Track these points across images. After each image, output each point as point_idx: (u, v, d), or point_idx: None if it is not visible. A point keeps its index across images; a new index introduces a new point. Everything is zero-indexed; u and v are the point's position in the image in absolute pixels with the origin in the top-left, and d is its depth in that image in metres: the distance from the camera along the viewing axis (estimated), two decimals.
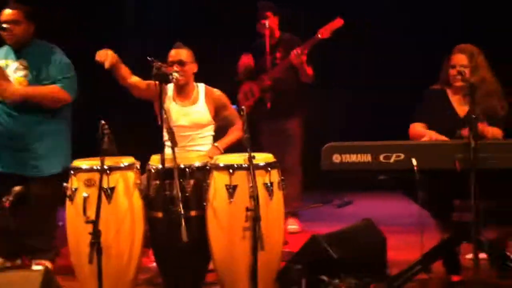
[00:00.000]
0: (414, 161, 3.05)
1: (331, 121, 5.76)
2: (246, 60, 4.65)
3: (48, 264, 3.78)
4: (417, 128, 3.45)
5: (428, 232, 3.32)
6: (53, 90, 3.75)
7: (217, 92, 3.89)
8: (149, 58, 3.25)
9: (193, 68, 3.83)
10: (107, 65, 3.56)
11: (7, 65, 3.79)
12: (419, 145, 3.19)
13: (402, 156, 3.09)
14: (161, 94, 3.30)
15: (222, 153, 3.68)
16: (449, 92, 3.54)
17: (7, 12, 3.72)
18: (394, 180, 3.25)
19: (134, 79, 3.76)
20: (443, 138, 3.32)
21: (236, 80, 4.75)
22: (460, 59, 3.44)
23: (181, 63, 3.75)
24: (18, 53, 3.78)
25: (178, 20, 5.88)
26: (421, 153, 3.07)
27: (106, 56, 3.56)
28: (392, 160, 3.11)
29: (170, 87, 3.85)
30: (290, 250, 3.83)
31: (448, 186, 3.22)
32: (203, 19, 5.83)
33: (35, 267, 3.72)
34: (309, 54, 4.52)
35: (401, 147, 3.12)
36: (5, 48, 3.84)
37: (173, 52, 3.80)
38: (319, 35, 4.42)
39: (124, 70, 3.72)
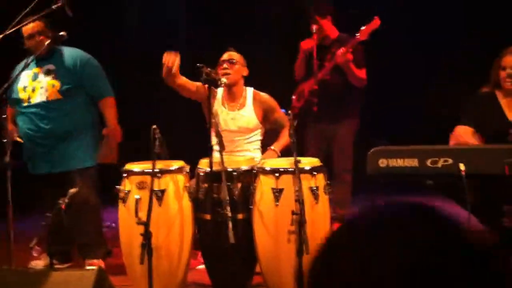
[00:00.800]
0: (462, 166, 3.01)
1: (380, 126, 5.71)
2: (308, 45, 4.57)
3: (100, 263, 3.91)
4: (459, 131, 3.40)
5: None
6: (108, 106, 4.01)
7: (265, 95, 3.94)
8: (198, 65, 3.33)
9: (243, 70, 3.89)
10: (175, 69, 3.58)
11: (35, 73, 4.00)
12: (467, 149, 3.15)
13: (450, 161, 3.06)
14: (209, 100, 3.39)
15: (279, 156, 3.73)
16: (498, 94, 3.48)
17: (30, 25, 3.87)
18: (441, 185, 3.21)
19: (183, 80, 3.80)
20: (470, 135, 3.27)
21: (295, 80, 4.73)
22: (511, 61, 3.38)
23: (231, 61, 3.84)
24: (44, 60, 3.99)
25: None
26: (469, 157, 3.03)
27: (174, 61, 3.55)
28: (439, 165, 3.08)
29: (220, 91, 3.93)
30: None
31: (497, 191, 3.17)
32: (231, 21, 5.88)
33: (88, 267, 3.85)
34: (360, 56, 4.43)
35: (449, 152, 3.09)
36: (26, 60, 3.95)
37: (225, 54, 3.91)
38: (358, 38, 4.30)
39: (184, 79, 3.79)
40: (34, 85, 3.96)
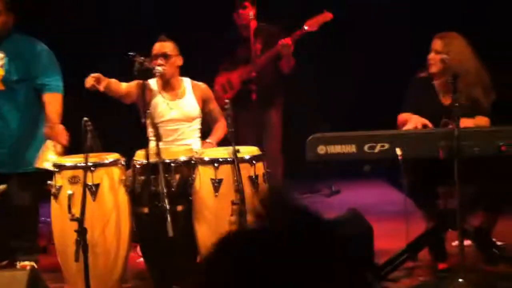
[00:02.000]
0: (398, 151, 3.05)
1: (310, 110, 5.75)
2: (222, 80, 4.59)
3: (33, 265, 3.73)
4: (404, 117, 3.44)
5: (414, 220, 3.34)
6: (54, 101, 3.66)
7: (203, 85, 3.87)
8: (130, 53, 3.21)
9: (178, 61, 3.79)
10: (101, 88, 3.44)
11: None
12: (403, 134, 3.19)
13: (387, 145, 3.10)
14: (143, 89, 3.28)
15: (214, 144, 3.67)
16: (434, 79, 3.53)
17: None
18: (378, 170, 3.25)
19: (125, 88, 3.66)
20: (426, 121, 3.32)
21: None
22: (436, 44, 3.43)
23: (165, 56, 3.71)
24: None
25: (156, 11, 5.81)
26: (405, 142, 3.08)
27: (94, 81, 3.43)
28: (376, 150, 3.11)
29: (153, 82, 3.81)
30: None
31: (432, 174, 3.24)
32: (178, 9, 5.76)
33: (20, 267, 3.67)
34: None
35: (386, 137, 3.13)
36: None
37: (157, 45, 3.76)
38: (305, 27, 4.34)
39: (114, 84, 3.60)
40: None
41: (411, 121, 3.33)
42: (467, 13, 5.40)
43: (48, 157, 3.55)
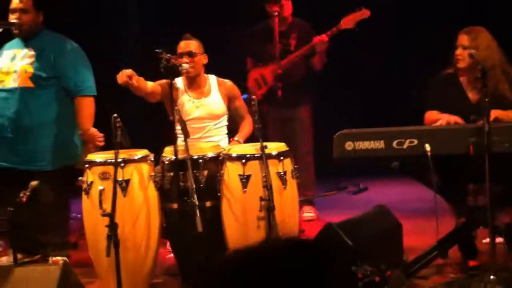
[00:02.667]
0: (427, 147, 3.03)
1: (343, 108, 5.72)
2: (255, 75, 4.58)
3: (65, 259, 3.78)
4: (433, 115, 3.40)
5: (443, 217, 3.32)
6: (87, 106, 3.68)
7: (228, 82, 3.89)
8: (156, 50, 3.23)
9: (203, 59, 3.81)
10: (135, 83, 3.45)
11: (15, 55, 3.74)
12: (432, 130, 3.16)
13: (416, 141, 3.07)
14: (171, 87, 3.31)
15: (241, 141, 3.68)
16: (459, 75, 3.49)
17: (16, 1, 3.68)
18: (407, 166, 3.23)
19: (150, 87, 3.67)
20: (458, 119, 3.29)
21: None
22: (462, 39, 3.40)
23: (191, 54, 3.73)
24: (26, 42, 3.73)
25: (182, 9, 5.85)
26: (434, 138, 3.05)
27: (127, 77, 3.41)
28: (405, 146, 3.09)
29: (179, 81, 3.84)
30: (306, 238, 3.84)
31: (462, 171, 3.20)
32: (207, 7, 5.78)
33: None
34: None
35: (414, 133, 3.10)
36: (15, 40, 3.80)
37: (182, 44, 3.78)
38: (342, 25, 4.31)
39: (142, 82, 3.60)
40: (9, 67, 3.68)
41: (443, 119, 3.30)
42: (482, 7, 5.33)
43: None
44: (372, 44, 5.76)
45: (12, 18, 3.71)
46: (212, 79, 3.86)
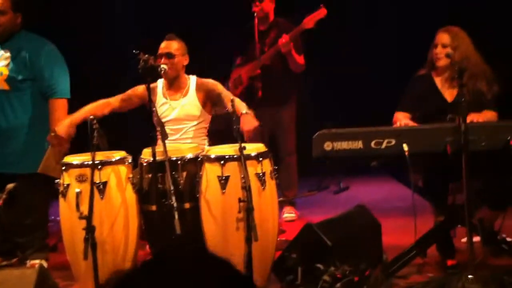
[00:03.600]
0: (405, 146, 3.04)
1: (323, 107, 5.74)
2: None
3: (43, 263, 3.71)
4: (398, 117, 3.43)
5: (423, 216, 3.33)
6: (59, 108, 3.63)
7: (208, 81, 3.81)
8: (134, 51, 3.21)
9: (183, 60, 3.74)
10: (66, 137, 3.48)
11: None
12: (409, 130, 3.18)
13: (393, 141, 3.09)
14: (148, 88, 3.28)
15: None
16: (434, 76, 3.52)
17: None
18: (386, 165, 3.24)
19: (119, 100, 3.68)
20: (411, 123, 3.32)
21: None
22: (442, 37, 3.42)
23: (169, 55, 3.68)
24: (2, 44, 3.68)
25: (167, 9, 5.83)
26: (412, 138, 3.07)
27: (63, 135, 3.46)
28: (383, 146, 3.10)
29: (160, 83, 3.81)
30: (287, 239, 3.84)
31: (440, 170, 3.22)
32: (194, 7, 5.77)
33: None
34: (300, 43, 4.43)
35: (392, 133, 3.11)
36: None
37: (163, 44, 3.74)
38: (303, 25, 4.29)
39: (101, 109, 3.59)
40: None
41: (400, 122, 3.33)
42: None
43: (51, 163, 3.57)
44: (355, 43, 5.79)
45: None
46: (192, 80, 3.81)
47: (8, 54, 3.65)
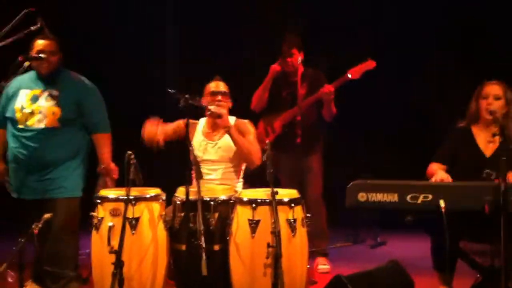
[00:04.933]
0: (442, 203, 2.96)
1: (352, 157, 5.71)
2: (278, 68, 4.61)
3: None
4: (433, 168, 3.36)
5: (458, 276, 3.20)
6: (104, 143, 3.84)
7: (244, 121, 3.89)
8: (169, 91, 3.27)
9: (229, 102, 3.88)
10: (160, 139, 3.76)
11: (35, 95, 3.82)
12: (447, 186, 3.10)
13: (430, 196, 3.01)
14: (187, 127, 3.33)
15: (227, 127, 3.66)
16: (474, 129, 3.45)
17: (45, 42, 3.78)
18: (421, 220, 3.15)
19: (172, 127, 3.85)
20: (448, 178, 3.23)
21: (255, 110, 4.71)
22: (494, 89, 3.36)
23: (225, 93, 3.84)
24: (47, 82, 3.83)
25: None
26: (449, 194, 2.98)
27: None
28: (419, 201, 3.03)
29: (202, 122, 3.89)
30: None
31: (477, 230, 3.10)
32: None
33: None
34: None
35: (429, 188, 3.04)
36: (27, 77, 3.87)
37: (213, 84, 3.86)
38: (349, 75, 4.35)
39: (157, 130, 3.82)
40: (32, 108, 3.78)
41: (437, 176, 3.24)
42: None
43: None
44: (389, 95, 5.78)
45: (38, 62, 3.82)
46: (231, 120, 3.88)
47: (56, 94, 3.82)
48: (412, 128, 5.79)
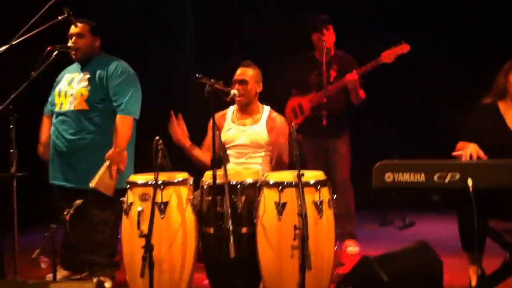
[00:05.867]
0: (470, 181, 2.92)
1: (380, 139, 5.66)
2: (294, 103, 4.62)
3: (108, 281, 3.80)
4: (462, 146, 3.31)
5: (488, 255, 3.17)
6: (124, 126, 3.73)
7: (281, 118, 3.90)
8: (197, 75, 3.28)
9: (256, 88, 3.87)
10: (186, 143, 3.79)
11: (73, 78, 3.90)
12: (474, 164, 3.06)
13: (458, 175, 2.98)
14: (212, 112, 3.35)
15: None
16: (501, 105, 3.39)
17: (73, 27, 3.84)
18: (448, 199, 3.12)
19: (206, 145, 3.87)
20: (480, 153, 3.17)
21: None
22: None
23: (243, 82, 3.82)
24: (83, 66, 3.90)
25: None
26: (477, 172, 2.94)
27: (179, 134, 3.73)
28: (446, 180, 2.99)
29: (232, 108, 3.93)
30: (345, 272, 3.75)
31: (506, 207, 3.06)
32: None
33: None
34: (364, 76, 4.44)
35: (456, 166, 3.00)
36: (75, 64, 3.98)
37: (239, 71, 3.88)
38: (382, 59, 4.30)
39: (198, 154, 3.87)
40: (67, 90, 3.85)
41: (466, 150, 3.19)
42: None
43: (106, 180, 3.68)
44: (412, 75, 5.71)
45: (70, 43, 3.90)
46: (266, 109, 3.90)
47: (87, 76, 3.86)
48: (440, 111, 5.70)
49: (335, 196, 3.37)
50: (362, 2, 5.81)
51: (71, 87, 3.87)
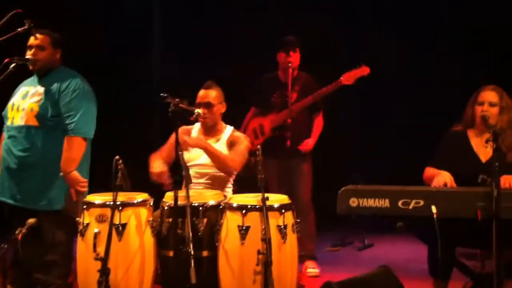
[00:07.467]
0: (434, 209, 2.93)
1: (342, 160, 5.70)
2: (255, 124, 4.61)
3: None
4: (430, 172, 3.34)
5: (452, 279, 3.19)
6: (68, 148, 3.53)
7: (239, 134, 3.86)
8: (162, 95, 3.20)
9: (220, 109, 3.83)
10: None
11: (27, 92, 3.70)
12: (439, 192, 3.07)
13: (422, 202, 2.98)
14: (176, 131, 3.27)
15: (202, 144, 3.64)
16: (470, 134, 3.43)
17: (33, 38, 3.66)
18: (412, 226, 3.13)
19: (165, 153, 3.78)
20: (450, 181, 3.20)
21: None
22: (489, 96, 3.35)
23: (208, 105, 3.76)
24: (40, 80, 3.70)
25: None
26: (441, 200, 2.96)
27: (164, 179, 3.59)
28: (411, 207, 3.00)
29: (196, 126, 3.86)
30: None
31: (469, 236, 3.09)
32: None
33: None
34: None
35: (421, 193, 3.01)
36: (32, 77, 3.78)
37: (201, 93, 3.80)
38: (342, 81, 4.35)
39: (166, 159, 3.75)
40: (20, 104, 3.64)
41: (440, 177, 3.21)
42: None
43: (72, 203, 3.53)
44: (376, 96, 5.79)
45: (28, 54, 3.71)
46: (228, 130, 3.85)
47: (41, 90, 3.68)
48: (407, 132, 5.77)
49: (298, 219, 3.33)
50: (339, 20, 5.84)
51: (24, 102, 3.68)
